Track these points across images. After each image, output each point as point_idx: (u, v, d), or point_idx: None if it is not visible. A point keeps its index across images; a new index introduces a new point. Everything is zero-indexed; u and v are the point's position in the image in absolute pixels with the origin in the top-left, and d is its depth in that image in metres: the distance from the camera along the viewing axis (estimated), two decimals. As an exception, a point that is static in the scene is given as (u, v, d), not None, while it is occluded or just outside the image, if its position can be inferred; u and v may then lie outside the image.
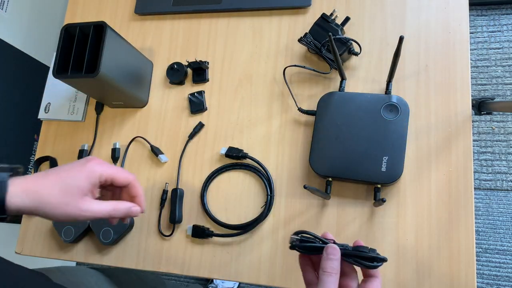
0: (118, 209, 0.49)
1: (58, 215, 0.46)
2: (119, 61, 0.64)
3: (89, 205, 0.47)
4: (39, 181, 0.46)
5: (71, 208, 0.46)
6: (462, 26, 0.64)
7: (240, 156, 0.65)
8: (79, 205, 0.46)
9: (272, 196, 0.63)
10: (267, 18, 0.73)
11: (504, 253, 1.29)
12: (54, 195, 0.46)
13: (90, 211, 0.47)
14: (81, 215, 0.46)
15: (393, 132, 0.57)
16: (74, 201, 0.46)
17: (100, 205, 0.48)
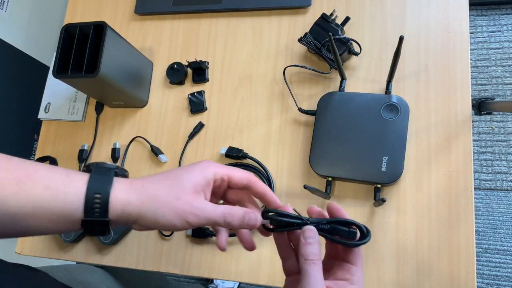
0: (233, 213, 0.40)
1: (167, 213, 0.39)
2: (119, 61, 0.64)
3: (202, 203, 0.40)
4: (146, 179, 0.41)
5: (182, 204, 0.39)
6: (462, 26, 0.64)
7: (240, 156, 0.65)
8: (191, 201, 0.39)
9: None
10: (267, 18, 0.73)
11: (504, 253, 1.29)
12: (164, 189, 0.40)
13: (203, 209, 0.40)
14: (192, 212, 0.39)
15: (393, 132, 0.57)
16: (185, 195, 0.39)
17: (214, 205, 0.41)
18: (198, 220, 0.39)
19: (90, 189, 0.37)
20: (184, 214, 0.39)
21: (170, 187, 0.40)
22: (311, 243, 0.38)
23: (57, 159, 0.75)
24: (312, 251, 0.38)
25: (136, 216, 0.39)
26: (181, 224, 0.39)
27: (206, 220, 0.40)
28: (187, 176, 0.41)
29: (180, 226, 0.39)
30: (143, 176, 0.44)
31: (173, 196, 0.39)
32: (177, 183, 0.40)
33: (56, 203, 0.37)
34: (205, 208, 0.40)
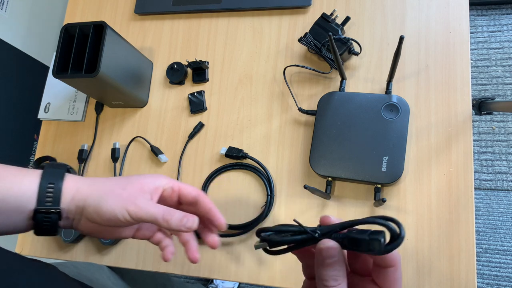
0: (173, 213, 0.41)
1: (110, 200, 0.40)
2: (119, 61, 0.64)
3: (146, 198, 0.41)
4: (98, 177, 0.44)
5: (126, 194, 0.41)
6: (462, 26, 0.64)
7: (240, 156, 0.65)
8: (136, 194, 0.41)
9: (272, 196, 0.63)
10: (267, 18, 0.73)
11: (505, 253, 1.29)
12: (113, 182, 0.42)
13: (145, 202, 0.41)
14: (134, 203, 0.40)
15: (393, 132, 0.57)
16: (132, 188, 0.41)
17: (156, 204, 0.42)
18: (138, 210, 0.40)
19: (44, 180, 0.40)
20: (126, 203, 0.40)
21: (119, 181, 0.42)
22: (330, 265, 0.30)
23: (57, 159, 0.75)
24: (332, 274, 0.30)
25: (83, 204, 0.40)
26: (121, 213, 0.40)
27: (146, 213, 0.40)
28: (137, 177, 0.43)
29: (120, 215, 0.40)
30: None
31: (120, 187, 0.41)
32: (127, 180, 0.43)
33: (10, 193, 0.38)
34: (147, 202, 0.41)
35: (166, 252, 0.45)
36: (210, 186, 0.67)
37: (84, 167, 0.73)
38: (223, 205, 0.65)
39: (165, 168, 0.70)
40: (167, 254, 0.45)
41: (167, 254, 0.45)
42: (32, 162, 1.18)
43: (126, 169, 0.71)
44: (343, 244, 0.30)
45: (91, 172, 0.73)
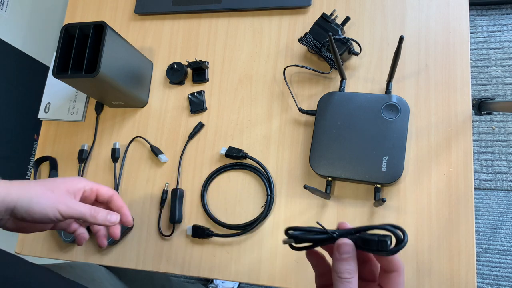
0: (98, 210, 0.49)
1: (41, 202, 0.45)
2: (119, 61, 0.64)
3: (72, 201, 0.48)
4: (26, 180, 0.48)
5: (56, 195, 0.46)
6: (462, 26, 0.64)
7: (240, 156, 0.65)
8: (64, 195, 0.47)
9: (272, 196, 0.63)
10: (267, 18, 0.73)
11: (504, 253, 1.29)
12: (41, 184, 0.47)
13: (73, 202, 0.48)
14: (64, 203, 0.46)
15: (393, 132, 0.57)
16: (59, 190, 0.47)
17: (83, 204, 0.49)
18: (68, 210, 0.46)
19: None
20: (56, 203, 0.46)
21: (45, 184, 0.47)
22: (346, 259, 0.34)
23: (57, 159, 0.75)
24: (347, 268, 0.34)
25: (13, 205, 0.44)
26: (52, 213, 0.46)
27: (75, 211, 0.47)
28: (62, 180, 0.49)
29: (52, 214, 0.46)
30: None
31: (49, 190, 0.47)
32: (53, 182, 0.48)
33: None
34: (74, 202, 0.48)
35: (81, 238, 0.55)
36: (210, 186, 0.67)
37: (84, 167, 0.73)
38: (223, 205, 0.65)
39: (165, 168, 0.70)
40: (81, 240, 0.55)
41: (81, 240, 0.55)
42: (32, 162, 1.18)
43: (126, 169, 0.71)
44: (357, 244, 0.35)
45: (91, 172, 0.73)
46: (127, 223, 0.54)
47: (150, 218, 0.68)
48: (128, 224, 0.54)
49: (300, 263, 0.60)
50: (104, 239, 0.56)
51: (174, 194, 0.67)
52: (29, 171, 1.17)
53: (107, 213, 0.50)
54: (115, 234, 0.55)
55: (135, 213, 0.69)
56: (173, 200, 0.66)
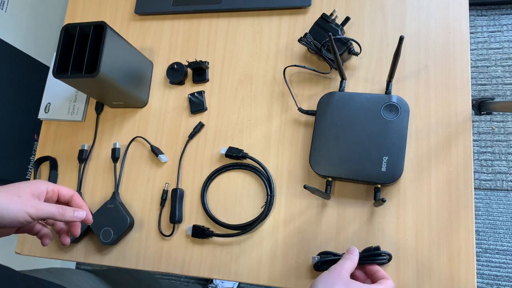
0: (65, 208, 0.52)
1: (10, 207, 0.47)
2: (119, 61, 0.64)
3: (39, 202, 0.50)
4: None
5: (23, 200, 0.48)
6: (462, 26, 0.64)
7: (240, 156, 0.65)
8: (30, 198, 0.50)
9: (272, 196, 0.63)
10: (267, 18, 0.73)
11: (504, 253, 1.29)
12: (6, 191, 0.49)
13: (41, 203, 0.50)
14: (33, 205, 0.48)
15: (393, 132, 0.57)
16: (25, 195, 0.49)
17: (50, 204, 0.51)
18: (37, 211, 0.49)
19: None
20: (24, 207, 0.48)
21: (11, 189, 0.49)
22: (352, 252, 0.55)
23: (57, 159, 0.75)
24: (352, 252, 0.55)
25: None
26: (22, 216, 0.48)
27: (43, 212, 0.49)
28: (26, 184, 0.51)
29: (22, 218, 0.48)
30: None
31: (15, 195, 0.49)
32: (17, 188, 0.50)
33: None
34: (41, 204, 0.50)
35: (46, 239, 0.56)
36: (210, 186, 0.67)
37: (84, 167, 0.73)
38: (223, 205, 0.65)
39: (165, 168, 0.70)
40: (47, 240, 0.56)
41: (46, 239, 0.56)
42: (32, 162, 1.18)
43: (126, 169, 0.71)
44: (361, 260, 0.55)
45: (91, 172, 0.73)
46: (87, 221, 0.56)
47: (150, 218, 0.68)
48: (89, 221, 0.57)
49: (300, 263, 0.60)
50: (67, 237, 0.58)
51: (174, 194, 0.67)
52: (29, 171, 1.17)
53: (73, 210, 0.53)
54: (76, 231, 0.57)
55: (135, 213, 0.69)
56: (173, 200, 0.66)
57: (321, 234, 0.60)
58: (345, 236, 0.60)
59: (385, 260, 0.55)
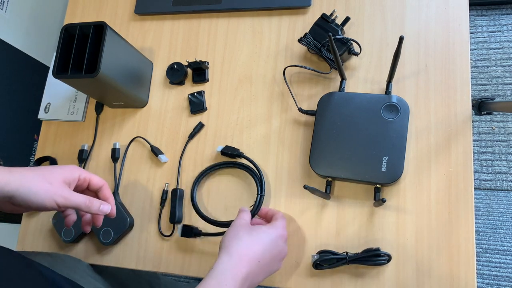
0: (92, 200, 0.52)
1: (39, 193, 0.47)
2: (119, 61, 0.64)
3: (70, 191, 0.51)
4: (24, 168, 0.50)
5: (53, 187, 0.49)
6: (462, 26, 0.64)
7: (235, 154, 0.65)
8: (61, 187, 0.50)
9: (262, 195, 0.62)
10: (267, 18, 0.73)
11: (504, 253, 1.29)
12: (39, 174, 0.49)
13: (69, 193, 0.50)
14: (61, 195, 0.49)
15: (393, 132, 0.57)
16: (56, 182, 0.50)
17: (78, 195, 0.51)
18: (65, 201, 0.49)
19: None
20: (54, 195, 0.49)
21: (44, 174, 0.50)
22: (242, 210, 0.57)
23: (57, 159, 0.75)
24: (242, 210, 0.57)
25: (12, 194, 0.46)
26: (50, 204, 0.48)
27: (71, 203, 0.50)
28: (59, 170, 0.52)
29: (49, 205, 0.48)
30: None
31: (47, 182, 0.49)
32: (50, 173, 0.50)
33: None
34: (71, 193, 0.51)
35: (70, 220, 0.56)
36: (205, 183, 0.67)
37: (84, 167, 0.73)
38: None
39: (165, 168, 0.70)
40: (71, 222, 0.56)
41: (70, 221, 0.56)
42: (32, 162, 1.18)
43: (126, 169, 0.71)
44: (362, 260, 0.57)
45: (91, 172, 0.72)
46: (111, 215, 0.57)
47: (150, 218, 0.68)
48: (112, 215, 0.57)
49: (300, 263, 0.60)
50: (88, 226, 0.59)
51: (174, 194, 0.67)
52: (29, 171, 1.17)
53: (100, 203, 0.54)
54: (98, 222, 0.58)
55: (135, 213, 0.69)
56: (173, 200, 0.66)
57: (321, 234, 0.60)
58: (345, 236, 0.59)
59: (384, 261, 0.55)
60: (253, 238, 0.51)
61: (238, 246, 0.50)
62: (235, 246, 0.50)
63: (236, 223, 0.54)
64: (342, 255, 0.56)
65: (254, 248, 0.50)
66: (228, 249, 0.49)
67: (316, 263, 0.57)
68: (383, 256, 0.55)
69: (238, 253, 0.49)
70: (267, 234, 0.53)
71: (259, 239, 0.51)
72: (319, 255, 0.57)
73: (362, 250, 0.57)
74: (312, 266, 0.58)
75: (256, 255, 0.50)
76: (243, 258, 0.49)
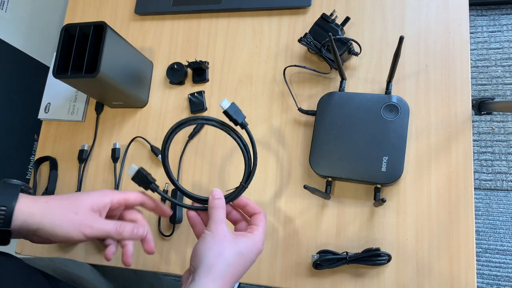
0: (124, 225, 0.49)
1: (64, 225, 0.45)
2: (119, 61, 0.64)
3: (97, 218, 0.47)
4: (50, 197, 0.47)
5: (79, 218, 0.46)
6: (462, 26, 0.64)
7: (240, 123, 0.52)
8: (88, 216, 0.46)
9: (245, 186, 0.53)
10: (267, 18, 0.73)
11: (504, 253, 1.29)
12: (64, 204, 0.46)
13: (97, 222, 0.47)
14: (88, 225, 0.46)
15: (393, 132, 0.57)
16: (83, 211, 0.46)
17: (107, 220, 0.48)
18: (92, 231, 0.46)
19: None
20: (80, 226, 0.45)
21: (69, 204, 0.46)
22: (219, 198, 0.49)
23: (57, 159, 0.75)
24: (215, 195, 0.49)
25: (36, 227, 0.44)
26: (77, 235, 0.45)
27: (100, 231, 0.47)
28: (87, 197, 0.48)
29: (76, 237, 0.46)
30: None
31: (72, 212, 0.46)
32: (76, 201, 0.47)
33: None
34: (99, 221, 0.47)
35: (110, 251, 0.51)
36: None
37: (84, 167, 0.73)
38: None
39: (165, 168, 0.70)
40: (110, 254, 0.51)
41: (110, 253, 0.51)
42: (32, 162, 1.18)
43: (126, 169, 0.71)
44: (362, 260, 0.56)
45: (91, 172, 0.73)
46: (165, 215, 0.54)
47: (150, 218, 0.68)
48: (166, 215, 0.54)
49: (300, 263, 0.60)
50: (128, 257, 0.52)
51: (174, 194, 0.67)
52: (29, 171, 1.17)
53: (133, 227, 0.50)
54: (149, 248, 0.53)
55: (135, 213, 0.68)
56: (173, 200, 0.66)
57: (321, 234, 0.60)
58: (345, 236, 0.59)
59: (384, 261, 0.55)
60: (238, 257, 0.45)
61: (222, 267, 0.43)
62: (219, 267, 0.43)
63: (220, 237, 0.45)
64: (342, 255, 0.56)
65: (237, 268, 0.45)
66: (211, 270, 0.42)
67: (316, 263, 0.57)
68: (383, 256, 0.55)
69: (224, 277, 0.43)
70: (252, 253, 0.46)
71: (243, 260, 0.45)
72: (319, 255, 0.57)
73: (362, 250, 0.57)
74: (312, 266, 0.58)
75: (238, 274, 0.45)
76: (227, 281, 0.43)
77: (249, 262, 0.46)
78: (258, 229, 0.48)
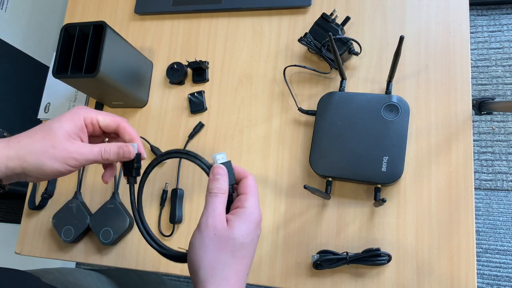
0: (108, 149, 0.45)
1: (47, 162, 0.42)
2: (119, 61, 0.64)
3: (79, 146, 0.44)
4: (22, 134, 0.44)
5: (59, 151, 0.43)
6: (462, 26, 0.64)
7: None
8: (67, 147, 0.43)
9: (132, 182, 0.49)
10: (267, 18, 0.73)
11: (505, 253, 1.28)
12: (38, 140, 0.43)
13: (80, 152, 0.44)
14: (71, 157, 0.43)
15: (393, 132, 0.57)
16: (60, 143, 0.43)
17: (90, 146, 0.45)
18: (78, 162, 0.44)
19: None
20: (64, 159, 0.43)
21: (43, 138, 0.43)
22: (218, 179, 0.43)
23: (57, 159, 0.75)
24: (217, 185, 0.43)
25: (21, 170, 0.42)
26: (64, 168, 0.43)
27: (86, 161, 0.44)
28: (58, 125, 0.44)
29: (64, 170, 0.43)
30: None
31: (49, 146, 0.43)
32: (50, 134, 0.43)
33: None
34: (82, 151, 0.44)
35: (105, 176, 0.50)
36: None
37: (84, 167, 0.73)
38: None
39: (165, 168, 0.70)
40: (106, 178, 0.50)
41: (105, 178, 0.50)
42: (32, 162, 1.18)
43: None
44: (362, 260, 0.56)
45: (92, 172, 0.73)
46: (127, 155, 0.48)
47: (150, 218, 0.68)
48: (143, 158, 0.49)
49: (300, 264, 0.60)
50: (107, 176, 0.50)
51: (174, 194, 0.67)
52: (29, 171, 1.17)
53: (118, 148, 0.46)
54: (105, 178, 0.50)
55: (135, 213, 0.68)
56: (173, 200, 0.66)
57: (321, 234, 0.60)
58: (345, 236, 0.59)
59: (384, 261, 0.55)
60: (239, 256, 0.40)
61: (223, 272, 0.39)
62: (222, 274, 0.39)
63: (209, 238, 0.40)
64: (342, 255, 0.56)
65: (243, 266, 0.41)
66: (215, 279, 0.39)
67: (316, 263, 0.57)
68: (383, 256, 0.55)
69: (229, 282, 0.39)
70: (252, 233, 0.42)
71: (246, 256, 0.41)
72: (319, 255, 0.57)
73: (362, 250, 0.57)
74: (312, 266, 0.58)
75: (245, 271, 0.41)
76: (234, 284, 0.39)
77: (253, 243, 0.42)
78: (248, 199, 0.43)
